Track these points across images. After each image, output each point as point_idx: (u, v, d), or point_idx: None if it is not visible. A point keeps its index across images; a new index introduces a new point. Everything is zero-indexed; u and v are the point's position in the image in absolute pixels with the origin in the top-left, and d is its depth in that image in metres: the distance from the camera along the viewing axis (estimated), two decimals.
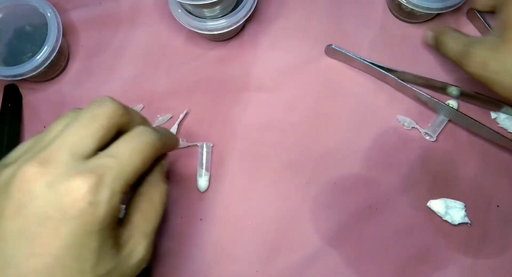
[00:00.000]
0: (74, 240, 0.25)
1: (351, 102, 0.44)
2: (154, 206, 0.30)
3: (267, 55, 0.46)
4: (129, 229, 0.29)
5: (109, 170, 0.26)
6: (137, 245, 0.28)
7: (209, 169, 0.43)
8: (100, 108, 0.28)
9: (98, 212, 0.25)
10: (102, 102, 0.28)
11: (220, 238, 0.42)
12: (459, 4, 0.41)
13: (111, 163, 0.26)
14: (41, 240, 0.25)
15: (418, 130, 0.43)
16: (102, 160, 0.26)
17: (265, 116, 0.45)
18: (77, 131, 0.27)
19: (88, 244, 0.25)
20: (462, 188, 0.42)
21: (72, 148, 0.26)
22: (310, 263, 0.41)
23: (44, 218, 0.25)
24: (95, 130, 0.27)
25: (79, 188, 0.25)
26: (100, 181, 0.25)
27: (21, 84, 0.47)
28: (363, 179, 0.43)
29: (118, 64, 0.47)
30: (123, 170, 0.26)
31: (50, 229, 0.25)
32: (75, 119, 0.27)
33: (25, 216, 0.25)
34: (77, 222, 0.25)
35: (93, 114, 0.28)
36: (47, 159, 0.26)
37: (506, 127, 0.43)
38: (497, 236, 0.41)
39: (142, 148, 0.28)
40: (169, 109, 0.45)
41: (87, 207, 0.25)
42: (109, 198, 0.25)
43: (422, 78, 0.43)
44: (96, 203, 0.25)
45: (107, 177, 0.25)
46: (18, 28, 0.46)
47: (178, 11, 0.43)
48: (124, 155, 0.27)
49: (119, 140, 0.28)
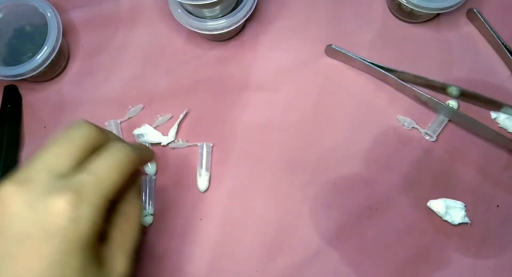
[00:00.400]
0: (56, 259, 0.24)
1: (351, 102, 0.44)
2: (131, 223, 0.30)
3: (267, 55, 0.46)
4: (109, 246, 0.28)
5: (88, 186, 0.26)
6: (117, 262, 0.28)
7: (209, 169, 0.43)
8: (75, 130, 0.28)
9: (79, 228, 0.25)
10: (77, 125, 0.29)
11: (220, 238, 0.42)
12: (459, 4, 0.41)
13: (89, 179, 0.26)
14: (22, 261, 0.24)
15: (418, 130, 0.43)
16: (79, 177, 0.26)
17: (265, 116, 0.45)
18: (54, 152, 0.27)
19: (71, 263, 0.25)
20: (462, 188, 0.42)
21: (50, 167, 0.26)
22: (310, 263, 0.41)
23: (24, 237, 0.24)
24: (71, 151, 0.27)
25: (58, 205, 0.25)
26: (79, 197, 0.25)
27: (21, 84, 0.47)
28: (363, 179, 0.43)
29: (118, 64, 0.47)
30: (101, 185, 0.26)
31: (31, 248, 0.24)
32: (52, 142, 0.28)
33: (4, 236, 0.24)
34: (59, 240, 0.24)
35: (69, 136, 0.28)
36: (25, 179, 0.26)
37: (506, 127, 0.43)
38: (497, 236, 0.41)
39: (118, 163, 0.28)
40: (169, 109, 0.45)
41: (68, 224, 0.24)
42: (89, 214, 0.25)
43: (422, 78, 0.43)
44: (77, 219, 0.25)
45: (86, 193, 0.25)
46: (18, 28, 0.46)
47: (178, 11, 0.43)
48: (100, 171, 0.27)
49: (95, 157, 0.28)
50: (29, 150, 0.45)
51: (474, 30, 0.46)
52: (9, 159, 0.44)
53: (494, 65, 0.45)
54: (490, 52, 0.45)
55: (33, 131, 0.46)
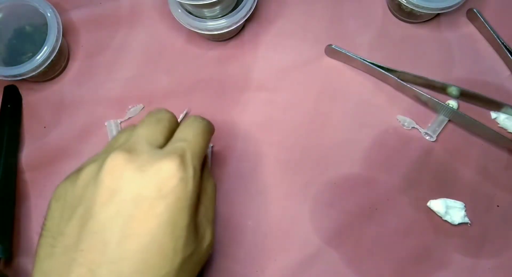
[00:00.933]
0: (169, 217, 0.26)
1: (351, 102, 0.44)
2: (209, 196, 0.32)
3: (267, 55, 0.46)
4: (197, 215, 0.30)
5: (187, 151, 0.29)
6: (206, 230, 0.31)
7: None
8: (161, 114, 0.32)
9: (188, 187, 0.27)
10: (161, 110, 0.33)
11: (220, 238, 0.42)
12: (459, 4, 0.41)
13: (185, 145, 0.29)
14: (140, 221, 0.26)
15: (418, 130, 0.43)
16: (176, 144, 0.29)
17: (265, 116, 0.45)
18: (148, 128, 0.30)
19: (180, 222, 0.27)
20: (462, 188, 0.42)
21: (148, 140, 0.29)
22: (310, 263, 0.41)
23: (139, 199, 0.26)
24: (161, 129, 0.31)
25: (169, 167, 0.27)
26: (183, 160, 0.28)
27: (21, 84, 0.47)
28: (363, 179, 0.43)
29: (118, 64, 0.47)
30: (195, 149, 0.30)
31: (146, 209, 0.26)
32: (142, 123, 0.31)
33: (119, 200, 0.26)
34: (172, 198, 0.27)
35: (157, 118, 0.32)
36: (131, 148, 0.28)
37: (506, 127, 0.43)
38: (497, 236, 0.41)
39: (201, 130, 0.31)
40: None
41: (179, 183, 0.27)
42: (193, 174, 0.28)
43: (422, 78, 0.43)
44: (185, 179, 0.27)
45: (187, 156, 0.28)
46: (18, 28, 0.46)
47: (178, 11, 0.43)
48: (191, 138, 0.30)
49: (180, 128, 0.32)
50: (29, 150, 0.45)
51: (474, 30, 0.46)
52: (9, 159, 0.44)
53: (494, 65, 0.45)
54: (490, 52, 0.45)
55: (33, 131, 0.46)
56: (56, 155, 0.45)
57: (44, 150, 0.45)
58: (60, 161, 0.44)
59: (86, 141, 0.45)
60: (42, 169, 0.44)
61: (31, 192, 0.44)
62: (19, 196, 0.44)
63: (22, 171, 0.45)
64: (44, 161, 0.45)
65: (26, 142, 0.45)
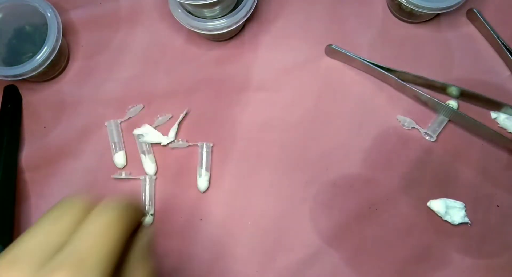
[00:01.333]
0: None
1: (351, 102, 0.44)
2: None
3: (267, 55, 0.46)
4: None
5: (84, 259, 0.24)
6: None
7: (209, 169, 0.43)
8: (65, 207, 0.26)
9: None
10: (68, 200, 0.27)
11: (220, 238, 0.42)
12: (459, 4, 0.41)
13: (83, 250, 0.24)
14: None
15: (418, 130, 0.43)
16: (71, 251, 0.24)
17: (265, 116, 0.45)
18: (43, 230, 0.25)
19: None
20: (462, 188, 0.42)
21: (41, 245, 0.24)
22: (310, 263, 0.41)
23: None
24: (62, 227, 0.25)
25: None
26: (77, 270, 0.23)
27: (21, 84, 0.47)
28: (363, 179, 0.43)
29: (118, 64, 0.47)
30: (99, 252, 0.24)
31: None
32: (39, 222, 0.26)
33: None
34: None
35: (59, 213, 0.26)
36: (17, 257, 0.24)
37: (506, 127, 0.43)
38: (497, 236, 0.41)
39: (109, 224, 0.25)
40: (169, 109, 0.45)
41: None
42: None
43: (422, 78, 0.43)
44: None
45: (84, 265, 0.23)
46: (18, 28, 0.46)
47: (178, 11, 0.43)
48: (92, 239, 0.25)
49: (82, 225, 0.25)
50: (29, 150, 0.45)
51: (474, 30, 0.46)
52: (9, 159, 0.44)
53: (494, 65, 0.45)
54: (490, 52, 0.45)
55: (33, 131, 0.46)
56: (56, 155, 0.45)
57: (44, 150, 0.45)
58: (60, 161, 0.44)
59: (86, 141, 0.45)
60: (42, 169, 0.44)
61: (31, 192, 0.44)
62: (19, 196, 0.44)
63: (22, 171, 0.45)
64: (44, 161, 0.45)
65: (26, 142, 0.45)
